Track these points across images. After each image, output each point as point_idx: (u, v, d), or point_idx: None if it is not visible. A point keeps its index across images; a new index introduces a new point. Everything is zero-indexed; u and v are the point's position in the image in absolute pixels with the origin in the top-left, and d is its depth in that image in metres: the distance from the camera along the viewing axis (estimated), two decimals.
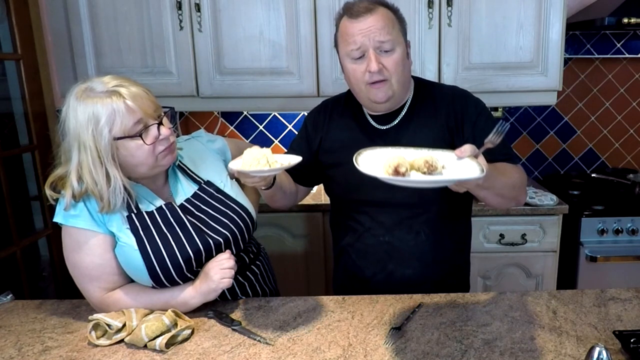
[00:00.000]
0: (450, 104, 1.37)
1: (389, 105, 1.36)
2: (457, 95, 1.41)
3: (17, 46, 2.25)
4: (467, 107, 1.37)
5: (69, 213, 1.19)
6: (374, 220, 1.42)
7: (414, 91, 1.42)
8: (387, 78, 1.30)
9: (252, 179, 1.17)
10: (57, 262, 2.39)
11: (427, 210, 1.39)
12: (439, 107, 1.38)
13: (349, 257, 1.48)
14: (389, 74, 1.30)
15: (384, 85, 1.31)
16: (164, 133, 1.21)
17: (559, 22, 2.23)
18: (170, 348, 1.13)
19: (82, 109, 1.14)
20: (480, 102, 1.41)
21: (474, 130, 1.34)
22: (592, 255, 2.28)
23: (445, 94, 1.41)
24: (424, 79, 1.49)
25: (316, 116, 1.50)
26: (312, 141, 1.48)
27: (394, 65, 1.29)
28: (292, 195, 1.49)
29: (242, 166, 1.12)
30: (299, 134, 1.54)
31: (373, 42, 1.27)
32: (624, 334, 1.09)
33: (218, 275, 1.22)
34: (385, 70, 1.29)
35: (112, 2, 2.26)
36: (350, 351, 1.10)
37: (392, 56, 1.29)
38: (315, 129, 1.48)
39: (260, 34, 2.28)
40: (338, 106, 1.48)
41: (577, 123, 2.81)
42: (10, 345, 1.18)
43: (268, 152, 1.14)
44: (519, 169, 1.34)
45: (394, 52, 1.29)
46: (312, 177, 1.53)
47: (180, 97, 2.34)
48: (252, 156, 1.12)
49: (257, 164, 1.11)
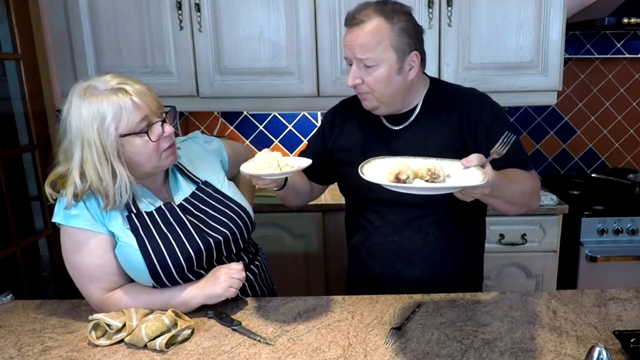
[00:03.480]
0: (464, 107, 1.35)
1: (387, 110, 1.36)
2: (473, 98, 1.38)
3: (17, 46, 2.25)
4: (482, 111, 1.35)
5: (69, 213, 1.19)
6: (384, 219, 1.42)
7: (427, 92, 1.39)
8: (368, 92, 1.30)
9: (264, 181, 1.21)
10: (57, 262, 2.39)
11: (436, 211, 1.38)
12: (452, 110, 1.36)
13: (359, 255, 1.49)
14: (369, 89, 1.29)
15: (367, 96, 1.32)
16: (168, 130, 1.21)
17: (559, 22, 2.24)
18: (170, 348, 1.13)
19: (86, 107, 1.14)
20: (496, 106, 1.38)
21: (489, 134, 1.31)
22: (592, 255, 2.28)
23: (459, 97, 1.38)
24: (440, 79, 1.48)
25: (333, 115, 1.52)
26: (328, 139, 1.49)
27: (374, 82, 1.28)
28: (306, 194, 1.51)
29: (253, 170, 1.16)
30: (316, 131, 1.56)
31: (354, 57, 1.27)
32: (624, 334, 1.09)
33: (227, 283, 1.23)
34: (365, 85, 1.29)
35: (112, 2, 2.26)
36: (350, 351, 1.10)
37: (374, 73, 1.27)
38: (332, 127, 1.49)
39: (260, 34, 2.28)
40: (354, 105, 1.48)
41: (577, 123, 2.80)
42: (10, 345, 1.18)
43: (278, 155, 1.18)
44: (531, 175, 1.32)
45: (377, 68, 1.27)
46: (326, 176, 1.54)
47: (180, 97, 2.34)
48: (263, 160, 1.16)
49: (268, 167, 1.15)
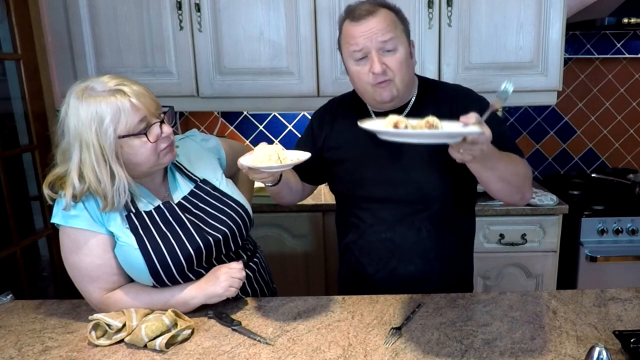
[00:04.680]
0: (453, 102, 1.38)
1: (394, 103, 1.37)
2: (461, 93, 1.41)
3: (17, 46, 2.24)
4: (471, 105, 1.35)
5: (68, 213, 1.19)
6: (376, 217, 1.42)
7: (417, 89, 1.42)
8: (391, 78, 1.30)
9: (261, 175, 1.20)
10: (57, 262, 2.38)
11: (428, 206, 1.39)
12: (442, 105, 1.38)
13: (352, 254, 1.49)
14: (393, 74, 1.30)
15: (388, 85, 1.31)
16: (166, 131, 1.21)
17: (559, 22, 2.23)
18: (170, 348, 1.13)
19: (84, 108, 1.13)
20: (484, 100, 1.40)
21: None
22: (592, 255, 2.28)
23: (448, 92, 1.42)
24: (427, 77, 1.49)
25: (322, 114, 1.52)
26: (317, 139, 1.49)
27: (397, 65, 1.30)
28: (298, 192, 1.51)
29: (252, 162, 1.14)
30: (305, 132, 1.56)
31: (375, 42, 1.27)
32: (624, 334, 1.09)
33: (227, 282, 1.23)
34: (389, 70, 1.29)
35: (112, 2, 2.26)
36: (350, 351, 1.10)
37: (395, 55, 1.29)
38: (321, 126, 1.50)
39: (260, 34, 2.28)
40: (343, 104, 1.49)
41: (577, 123, 2.80)
42: (10, 345, 1.18)
43: (279, 148, 1.17)
44: (524, 161, 1.34)
45: (397, 51, 1.29)
46: (317, 175, 1.54)
47: (180, 97, 2.34)
48: (263, 152, 1.14)
49: (269, 159, 1.14)
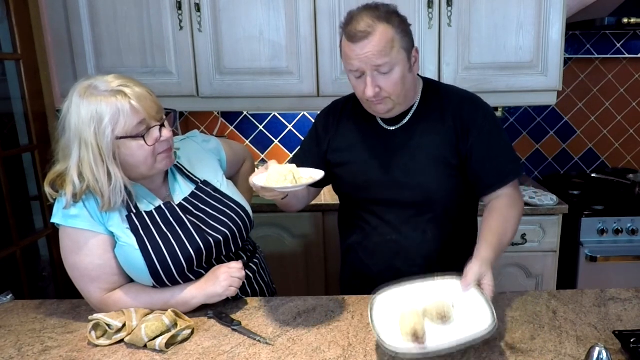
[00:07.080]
0: (458, 108, 1.38)
1: (393, 112, 1.37)
2: (466, 99, 1.41)
3: (17, 46, 2.24)
4: (475, 112, 1.38)
5: (68, 213, 1.19)
6: (381, 219, 1.42)
7: (422, 92, 1.41)
8: (386, 96, 1.30)
9: (273, 194, 1.19)
10: (57, 262, 2.38)
11: (432, 209, 1.39)
12: (446, 109, 1.38)
13: (357, 255, 1.49)
14: (388, 94, 1.30)
15: (383, 101, 1.31)
16: (165, 135, 1.21)
17: (559, 22, 2.23)
18: (170, 348, 1.13)
19: (85, 107, 1.14)
20: (489, 108, 1.41)
21: (480, 135, 1.34)
22: (592, 255, 2.27)
23: (453, 97, 1.41)
24: (433, 80, 1.49)
25: (326, 117, 1.51)
26: (322, 142, 1.49)
27: (392, 86, 1.28)
28: (305, 198, 1.52)
29: (266, 182, 1.14)
30: (308, 134, 1.55)
31: (370, 66, 1.25)
32: (624, 334, 1.09)
33: (227, 282, 1.23)
34: (384, 91, 1.29)
35: (112, 2, 2.26)
36: (350, 351, 1.10)
37: (391, 77, 1.27)
38: (326, 129, 1.49)
39: (260, 34, 2.28)
40: (348, 106, 1.49)
41: (577, 123, 2.80)
42: (10, 345, 1.18)
43: (293, 167, 1.16)
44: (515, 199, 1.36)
45: (392, 73, 1.27)
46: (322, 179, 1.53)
47: (180, 97, 2.34)
48: (277, 172, 1.13)
49: (284, 180, 1.13)
